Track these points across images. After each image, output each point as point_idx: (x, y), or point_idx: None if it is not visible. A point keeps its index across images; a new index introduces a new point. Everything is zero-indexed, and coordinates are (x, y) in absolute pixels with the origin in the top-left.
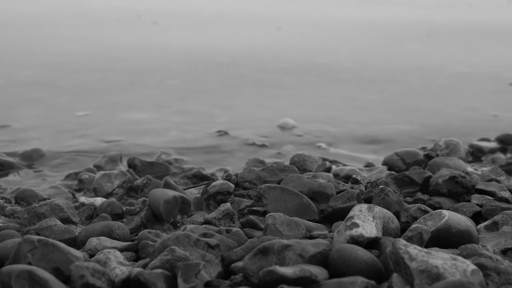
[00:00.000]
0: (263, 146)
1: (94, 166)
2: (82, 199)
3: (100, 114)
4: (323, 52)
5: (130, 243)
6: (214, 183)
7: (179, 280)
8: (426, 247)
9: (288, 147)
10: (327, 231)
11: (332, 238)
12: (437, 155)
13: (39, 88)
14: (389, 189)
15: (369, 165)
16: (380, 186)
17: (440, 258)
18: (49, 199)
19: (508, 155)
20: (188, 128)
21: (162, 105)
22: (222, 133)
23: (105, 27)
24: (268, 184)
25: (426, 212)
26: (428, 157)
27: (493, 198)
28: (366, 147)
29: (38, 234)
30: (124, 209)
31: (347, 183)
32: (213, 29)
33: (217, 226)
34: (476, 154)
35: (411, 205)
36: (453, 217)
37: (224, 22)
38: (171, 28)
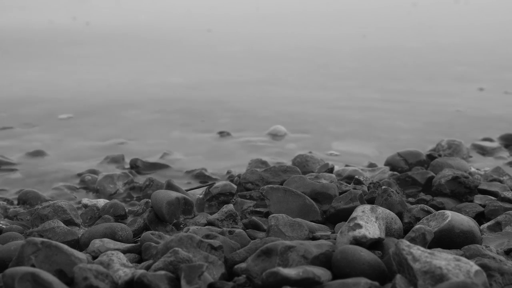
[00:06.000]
0: (265, 146)
1: (97, 167)
2: (85, 200)
3: (102, 114)
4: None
5: (133, 244)
6: (216, 184)
7: (182, 282)
8: (429, 247)
9: (291, 145)
10: (330, 232)
11: (335, 239)
12: (440, 155)
13: (39, 87)
14: (392, 190)
15: (371, 166)
16: (383, 187)
17: (443, 259)
18: (52, 201)
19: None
20: (190, 128)
21: (164, 105)
22: (225, 134)
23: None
24: (271, 185)
25: (429, 212)
26: (431, 157)
27: (496, 199)
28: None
29: (41, 236)
30: (127, 210)
31: (349, 184)
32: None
33: (220, 227)
34: (479, 154)
35: (414, 205)
36: (456, 217)
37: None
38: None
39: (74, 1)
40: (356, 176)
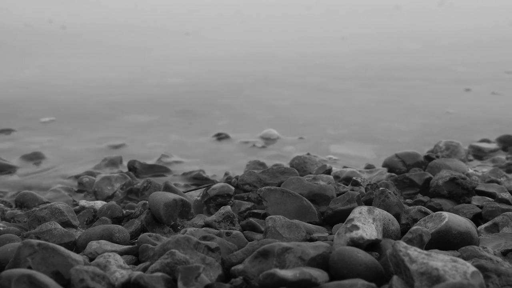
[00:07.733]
0: (263, 148)
1: (94, 169)
2: (82, 202)
3: (101, 117)
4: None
5: (130, 246)
6: (214, 186)
7: (179, 284)
8: (426, 249)
9: (289, 148)
10: (328, 234)
11: (332, 241)
12: (437, 157)
13: (38, 89)
14: (389, 191)
15: (369, 167)
16: (380, 188)
17: (440, 260)
18: (49, 203)
19: (509, 155)
20: (188, 130)
21: (162, 107)
22: (223, 136)
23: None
24: (268, 187)
25: (426, 214)
26: (428, 158)
27: (493, 200)
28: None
29: (38, 237)
30: (124, 212)
31: (347, 185)
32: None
33: (217, 229)
34: (476, 155)
35: (411, 207)
36: (453, 218)
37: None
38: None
39: (52, 2)
40: (354, 178)
